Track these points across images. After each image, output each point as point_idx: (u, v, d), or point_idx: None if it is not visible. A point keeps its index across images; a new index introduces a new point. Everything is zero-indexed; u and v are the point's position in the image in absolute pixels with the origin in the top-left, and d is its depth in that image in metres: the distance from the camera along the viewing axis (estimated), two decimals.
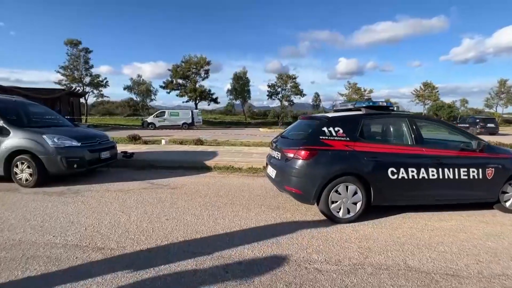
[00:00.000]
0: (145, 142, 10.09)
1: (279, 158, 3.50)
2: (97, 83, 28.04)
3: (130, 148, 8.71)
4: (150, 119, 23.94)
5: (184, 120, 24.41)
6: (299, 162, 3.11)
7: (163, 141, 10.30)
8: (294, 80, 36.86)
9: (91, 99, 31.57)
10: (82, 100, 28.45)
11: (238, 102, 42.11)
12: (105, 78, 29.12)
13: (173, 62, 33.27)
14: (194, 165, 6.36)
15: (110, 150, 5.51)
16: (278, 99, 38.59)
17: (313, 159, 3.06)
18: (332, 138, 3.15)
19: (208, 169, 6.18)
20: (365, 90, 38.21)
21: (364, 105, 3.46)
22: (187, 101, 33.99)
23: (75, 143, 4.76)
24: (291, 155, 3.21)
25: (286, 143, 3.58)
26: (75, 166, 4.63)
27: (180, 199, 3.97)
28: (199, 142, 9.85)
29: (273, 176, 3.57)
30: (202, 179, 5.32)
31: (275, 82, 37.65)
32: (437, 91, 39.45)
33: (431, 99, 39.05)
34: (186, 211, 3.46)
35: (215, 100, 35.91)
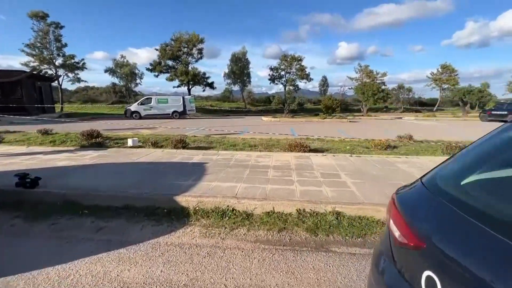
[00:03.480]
0: (100, 144, 6.76)
1: None
2: (72, 65, 23.88)
3: (72, 149, 5.31)
4: (133, 107, 20.28)
5: (174, 108, 20.84)
6: None
7: (129, 142, 6.99)
8: (299, 62, 32.87)
9: (67, 85, 27.62)
10: (59, 86, 24.61)
11: (236, 88, 38.12)
12: (82, 60, 24.83)
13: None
14: (155, 204, 3.15)
15: None
16: (282, 83, 34.70)
17: None
18: None
19: (181, 216, 2.96)
20: (377, 73, 34.36)
21: None
22: (178, 86, 29.95)
23: None
24: None
25: None
26: None
27: None
28: (182, 143, 6.53)
29: None
30: (160, 272, 2.10)
31: (278, 64, 33.67)
32: (457, 75, 35.64)
33: (449, 84, 35.21)
34: None
35: (211, 85, 31.89)
